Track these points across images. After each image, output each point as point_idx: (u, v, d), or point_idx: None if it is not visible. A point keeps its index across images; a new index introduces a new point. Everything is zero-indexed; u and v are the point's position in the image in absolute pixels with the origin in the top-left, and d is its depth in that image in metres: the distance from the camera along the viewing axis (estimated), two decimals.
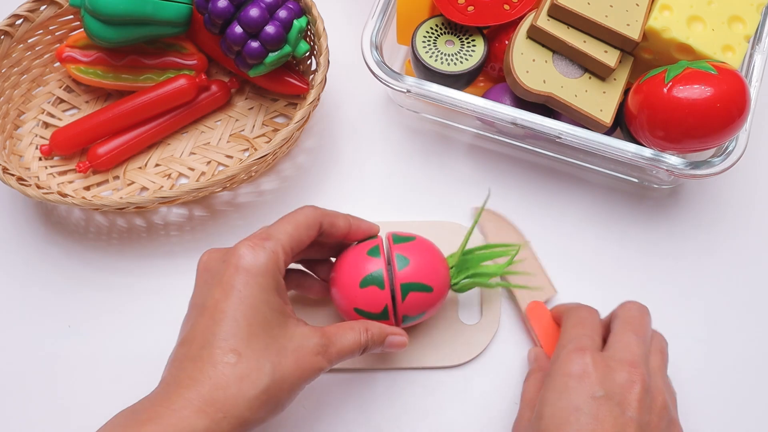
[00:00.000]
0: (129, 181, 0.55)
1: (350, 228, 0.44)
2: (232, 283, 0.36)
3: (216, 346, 0.35)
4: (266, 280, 0.37)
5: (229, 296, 0.36)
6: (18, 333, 0.51)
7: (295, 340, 0.37)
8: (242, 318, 0.36)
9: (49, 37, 0.58)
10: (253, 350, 0.35)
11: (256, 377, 0.35)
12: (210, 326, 0.36)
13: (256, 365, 0.35)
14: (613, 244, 0.53)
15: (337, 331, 0.40)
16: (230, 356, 0.35)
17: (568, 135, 0.47)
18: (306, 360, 0.37)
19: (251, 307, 0.36)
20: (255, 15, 0.49)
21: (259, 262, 0.37)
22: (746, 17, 0.47)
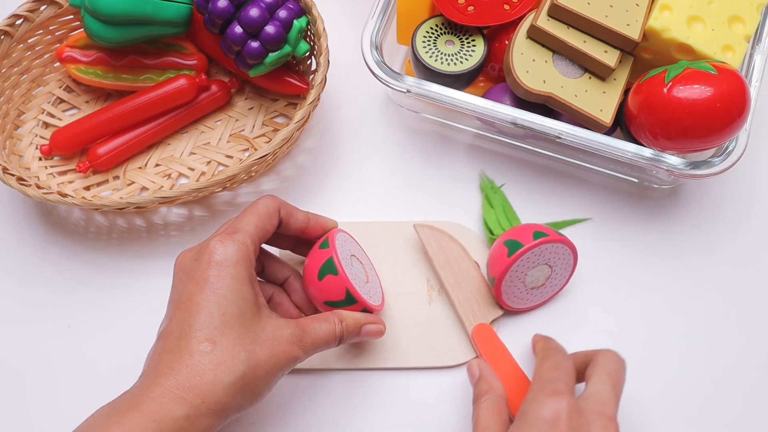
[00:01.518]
0: (129, 181, 0.55)
1: (308, 221, 0.45)
2: (205, 277, 0.38)
3: (192, 336, 0.36)
4: (238, 271, 0.38)
5: (203, 289, 0.37)
6: (18, 333, 0.51)
7: (268, 330, 0.38)
8: (216, 309, 0.37)
9: (49, 37, 0.58)
10: (228, 339, 0.37)
11: (231, 364, 0.36)
12: (186, 318, 0.37)
13: (231, 352, 0.36)
14: (612, 244, 0.53)
15: (311, 322, 0.41)
16: (206, 345, 0.36)
17: (568, 135, 0.47)
18: (281, 349, 0.38)
19: (224, 298, 0.37)
20: (255, 15, 0.49)
21: (230, 255, 0.38)
22: (746, 17, 0.47)
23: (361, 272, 0.47)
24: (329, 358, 0.49)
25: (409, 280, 0.51)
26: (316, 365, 0.49)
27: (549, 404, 0.37)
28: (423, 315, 0.50)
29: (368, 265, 0.49)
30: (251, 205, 0.43)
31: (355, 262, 0.47)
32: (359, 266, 0.47)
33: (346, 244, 0.47)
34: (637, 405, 0.47)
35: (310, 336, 0.40)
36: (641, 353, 0.49)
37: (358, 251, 0.48)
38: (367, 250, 0.52)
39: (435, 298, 0.50)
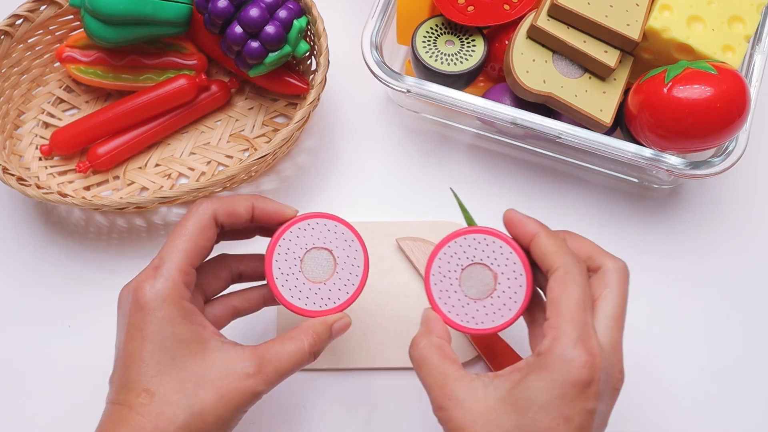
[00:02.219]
0: (129, 181, 0.55)
1: (254, 211, 0.40)
2: (134, 323, 0.35)
3: (130, 389, 0.35)
4: (167, 312, 0.35)
5: (133, 337, 0.35)
6: (18, 333, 0.51)
7: (215, 368, 0.35)
8: (149, 357, 0.35)
9: (49, 37, 0.58)
10: (165, 387, 0.34)
11: (171, 413, 0.34)
12: (123, 369, 0.35)
13: (169, 401, 0.34)
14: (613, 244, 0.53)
15: (273, 346, 0.37)
16: (143, 396, 0.34)
17: (568, 135, 0.47)
18: (232, 386, 0.35)
19: (155, 344, 0.35)
20: (255, 15, 0.49)
21: (156, 295, 0.35)
22: (746, 17, 0.47)
23: (323, 267, 0.40)
24: (329, 358, 0.49)
25: (409, 280, 0.51)
26: (316, 365, 0.49)
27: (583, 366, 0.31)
28: None
29: (344, 247, 0.41)
30: (180, 221, 0.38)
31: (316, 256, 0.40)
32: (323, 258, 0.40)
33: (302, 237, 0.40)
34: (636, 405, 0.47)
35: (272, 364, 0.36)
36: (641, 353, 0.49)
37: (326, 236, 0.40)
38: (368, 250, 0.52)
39: None
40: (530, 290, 0.37)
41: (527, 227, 0.37)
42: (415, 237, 0.52)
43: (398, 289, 0.51)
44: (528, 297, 0.37)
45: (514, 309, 0.37)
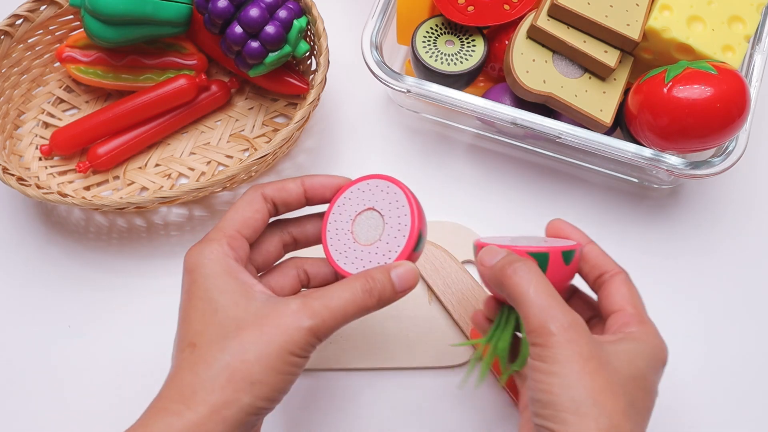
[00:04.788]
0: (129, 181, 0.55)
1: (304, 185, 0.40)
2: (185, 289, 0.37)
3: (179, 348, 0.35)
4: (212, 270, 0.36)
5: (184, 301, 0.36)
6: (18, 333, 0.51)
7: (259, 312, 0.34)
8: (194, 313, 0.35)
9: (49, 37, 0.58)
10: (208, 337, 0.34)
11: (210, 357, 0.33)
12: (178, 332, 0.36)
13: (210, 348, 0.34)
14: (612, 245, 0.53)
15: (326, 289, 0.35)
16: (187, 351, 0.34)
17: (568, 135, 0.47)
18: (275, 324, 0.33)
19: (202, 300, 0.35)
20: (255, 15, 0.49)
21: (203, 258, 0.36)
22: (746, 17, 0.47)
23: (373, 229, 0.39)
24: (329, 358, 0.49)
25: None
26: (317, 365, 0.49)
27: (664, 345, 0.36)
28: (423, 315, 0.50)
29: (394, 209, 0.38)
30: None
31: (367, 218, 0.39)
32: (373, 221, 0.39)
33: (363, 196, 0.39)
34: None
35: (320, 300, 0.34)
36: None
37: (375, 197, 0.39)
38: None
39: (434, 298, 0.50)
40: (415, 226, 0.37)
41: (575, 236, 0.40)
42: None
43: None
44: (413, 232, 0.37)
45: (401, 245, 0.37)
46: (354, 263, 0.38)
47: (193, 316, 0.35)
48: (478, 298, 0.50)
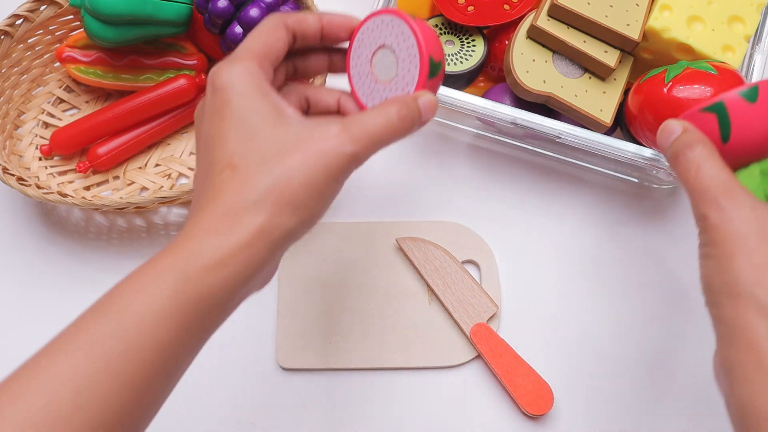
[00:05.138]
0: (129, 181, 0.55)
1: (321, 21, 0.38)
2: (212, 108, 0.34)
3: (213, 170, 0.33)
4: (246, 87, 0.33)
5: (213, 120, 0.34)
6: (18, 333, 0.51)
7: (299, 134, 0.33)
8: (229, 133, 0.33)
9: (49, 37, 0.58)
10: (249, 158, 0.32)
11: (254, 179, 0.32)
12: (207, 155, 0.34)
13: (252, 169, 0.32)
14: (612, 244, 0.53)
15: (363, 114, 0.34)
16: (226, 172, 0.32)
17: (568, 135, 0.47)
18: (317, 147, 0.32)
19: (238, 119, 0.33)
20: (255, 15, 0.49)
21: (232, 75, 0.34)
22: (746, 17, 0.47)
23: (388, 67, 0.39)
24: (329, 358, 0.49)
25: (409, 280, 0.51)
26: (317, 365, 0.49)
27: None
28: (423, 315, 0.50)
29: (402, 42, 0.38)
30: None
31: (383, 56, 0.39)
32: (388, 58, 0.39)
33: (373, 34, 0.39)
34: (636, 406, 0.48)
35: (358, 125, 0.33)
36: (642, 354, 0.49)
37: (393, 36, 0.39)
38: (367, 250, 0.52)
39: (434, 298, 0.50)
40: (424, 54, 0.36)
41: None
42: (415, 237, 0.52)
43: (398, 289, 0.51)
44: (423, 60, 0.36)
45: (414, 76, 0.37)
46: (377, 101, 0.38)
47: (229, 137, 0.33)
48: (478, 298, 0.50)
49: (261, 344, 0.50)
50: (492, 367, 0.48)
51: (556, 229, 0.53)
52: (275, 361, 0.49)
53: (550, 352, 0.49)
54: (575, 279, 0.51)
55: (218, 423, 0.47)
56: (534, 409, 0.46)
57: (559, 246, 0.53)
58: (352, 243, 0.52)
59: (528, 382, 0.47)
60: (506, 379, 0.47)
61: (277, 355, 0.49)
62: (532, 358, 0.48)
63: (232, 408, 0.48)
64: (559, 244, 0.53)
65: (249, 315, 0.51)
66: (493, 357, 0.47)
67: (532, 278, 0.52)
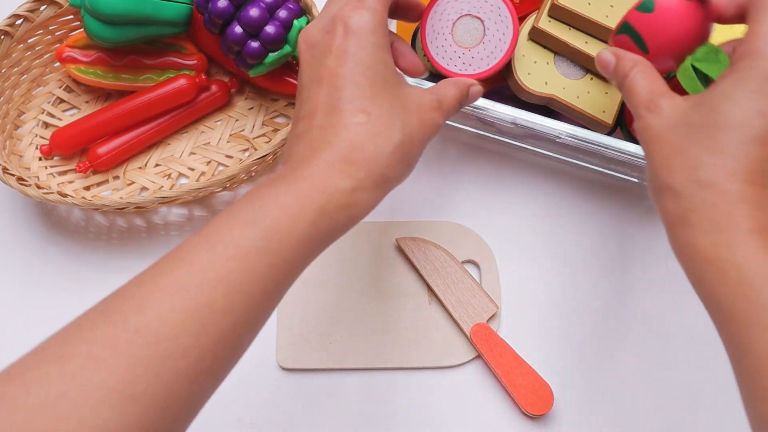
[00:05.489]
0: (129, 181, 0.55)
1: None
2: (345, 48, 0.35)
3: (343, 109, 0.34)
4: (377, 39, 0.35)
5: (345, 61, 0.35)
6: (18, 333, 0.51)
7: (413, 98, 0.36)
8: (363, 79, 0.34)
9: (49, 37, 0.58)
10: (380, 108, 0.34)
11: (389, 133, 0.34)
12: (332, 93, 0.35)
13: (387, 122, 0.34)
14: (612, 244, 0.53)
15: (441, 89, 0.38)
16: (360, 116, 0.34)
17: (567, 135, 0.47)
18: (427, 116, 0.36)
19: (370, 68, 0.35)
20: (255, 15, 0.49)
21: (366, 22, 0.35)
22: None
23: (472, 34, 0.44)
24: (329, 358, 0.49)
25: (409, 280, 0.51)
26: (317, 365, 0.49)
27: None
28: (423, 315, 0.50)
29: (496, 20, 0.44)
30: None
31: (467, 23, 0.44)
32: (473, 26, 0.44)
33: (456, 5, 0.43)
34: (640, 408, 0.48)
35: (445, 99, 0.37)
36: (641, 353, 0.49)
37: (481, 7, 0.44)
38: (367, 250, 0.52)
39: (434, 298, 0.50)
40: (516, 34, 0.43)
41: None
42: (415, 237, 0.52)
43: (398, 289, 0.51)
44: (514, 41, 0.43)
45: (500, 53, 0.43)
46: (456, 64, 0.44)
47: (361, 81, 0.34)
48: (478, 298, 0.50)
49: (261, 344, 0.50)
50: (492, 367, 0.48)
51: (557, 229, 0.53)
52: (275, 361, 0.49)
53: (550, 352, 0.49)
54: (575, 279, 0.51)
55: (218, 423, 0.47)
56: (534, 409, 0.46)
57: (559, 246, 0.53)
58: (352, 243, 0.52)
59: (528, 382, 0.47)
60: (506, 379, 0.47)
61: (277, 355, 0.49)
62: (532, 358, 0.48)
63: (232, 408, 0.48)
64: (559, 243, 0.53)
65: None
66: (493, 357, 0.47)
67: (532, 278, 0.52)
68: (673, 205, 0.32)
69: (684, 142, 0.32)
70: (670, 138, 0.32)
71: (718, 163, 0.30)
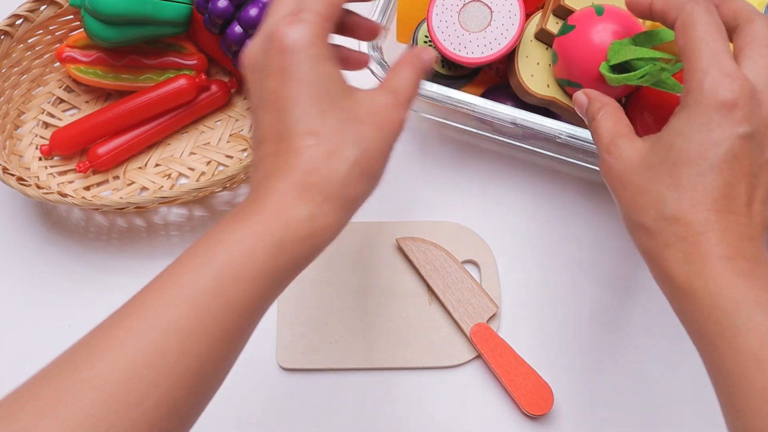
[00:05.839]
0: (129, 181, 0.55)
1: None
2: (283, 67, 0.33)
3: (292, 134, 0.33)
4: (317, 51, 0.33)
5: (285, 81, 0.33)
6: (18, 333, 0.51)
7: (364, 105, 0.34)
8: (307, 99, 0.33)
9: (49, 37, 0.58)
10: (330, 126, 0.33)
11: (343, 151, 0.32)
12: (278, 117, 0.33)
13: (339, 139, 0.33)
14: (613, 244, 0.53)
15: (393, 78, 0.36)
16: (309, 139, 0.32)
17: (567, 135, 0.47)
18: (384, 118, 0.34)
19: (313, 85, 0.33)
20: (255, 15, 0.49)
21: (302, 35, 0.33)
22: None
23: (479, 19, 0.44)
24: (329, 358, 0.49)
25: (409, 280, 0.51)
26: (317, 365, 0.49)
27: (724, 88, 0.31)
28: (423, 315, 0.50)
29: (502, 2, 0.45)
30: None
31: (474, 9, 0.44)
32: (480, 11, 0.44)
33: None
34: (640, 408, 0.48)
35: (401, 89, 0.35)
36: (641, 353, 0.49)
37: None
38: (367, 250, 0.52)
39: (434, 298, 0.50)
40: (522, 24, 0.44)
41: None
42: (415, 237, 0.52)
43: (398, 289, 0.51)
44: (520, 31, 0.44)
45: (504, 42, 0.44)
46: (466, 47, 0.45)
47: (304, 102, 0.33)
48: (478, 298, 0.50)
49: (261, 344, 0.50)
50: (492, 367, 0.48)
51: (557, 229, 0.53)
52: (275, 361, 0.49)
53: (550, 352, 0.49)
54: (575, 279, 0.51)
55: (218, 423, 0.47)
56: (534, 409, 0.46)
57: (559, 246, 0.53)
58: (352, 243, 0.52)
59: (528, 382, 0.47)
60: (506, 379, 0.47)
61: (277, 355, 0.49)
62: (532, 358, 0.48)
63: (232, 408, 0.48)
64: (559, 243, 0.53)
65: None
66: (493, 357, 0.47)
67: (532, 278, 0.52)
68: (647, 241, 0.33)
69: (646, 183, 0.33)
70: (632, 179, 0.33)
71: (681, 197, 0.31)
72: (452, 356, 0.49)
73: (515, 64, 0.48)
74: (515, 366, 0.47)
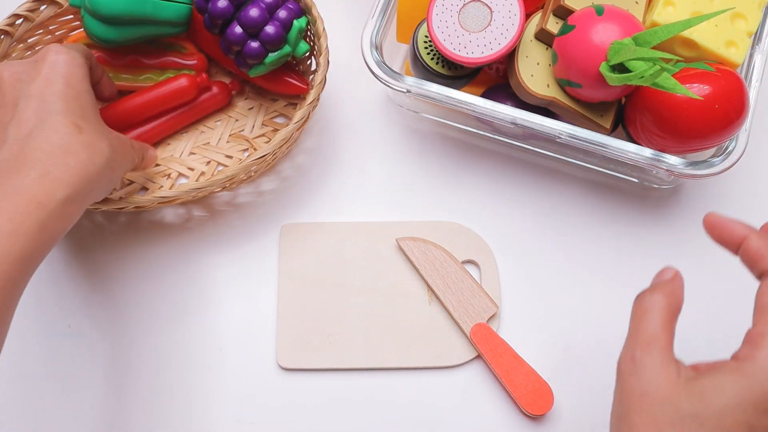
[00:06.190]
0: (129, 181, 0.55)
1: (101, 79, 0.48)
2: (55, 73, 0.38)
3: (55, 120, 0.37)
4: (83, 71, 0.40)
5: (54, 83, 0.38)
6: (18, 333, 0.51)
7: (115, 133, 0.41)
8: (73, 100, 0.38)
9: (49, 37, 0.58)
10: (92, 126, 0.38)
11: (101, 146, 0.38)
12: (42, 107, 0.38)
13: (97, 138, 0.38)
14: (612, 244, 0.53)
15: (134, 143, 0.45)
16: (72, 128, 0.37)
17: (567, 135, 0.47)
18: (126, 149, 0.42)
19: (79, 92, 0.39)
20: (255, 15, 0.49)
21: (73, 57, 0.40)
22: (748, 14, 0.47)
23: (479, 19, 0.44)
24: (329, 358, 0.49)
25: (409, 280, 0.51)
26: (317, 365, 0.49)
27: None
28: (423, 315, 0.50)
29: (503, 3, 0.45)
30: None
31: (474, 9, 0.44)
32: (480, 12, 0.44)
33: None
34: None
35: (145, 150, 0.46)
36: None
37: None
38: (367, 250, 0.52)
39: (434, 298, 0.50)
40: (522, 24, 0.44)
41: (735, 231, 0.35)
42: (415, 237, 0.52)
43: (398, 289, 0.51)
44: (520, 31, 0.44)
45: (504, 42, 0.44)
46: (466, 47, 0.45)
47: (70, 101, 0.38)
48: (478, 298, 0.49)
49: (261, 344, 0.50)
50: (492, 367, 0.48)
51: (557, 229, 0.53)
52: (275, 361, 0.49)
53: (550, 352, 0.49)
54: (575, 279, 0.51)
55: (218, 423, 0.47)
56: (534, 409, 0.46)
57: (559, 246, 0.53)
58: (352, 243, 0.52)
59: (528, 382, 0.47)
60: (506, 379, 0.47)
61: (277, 355, 0.49)
62: (532, 358, 0.48)
63: (232, 408, 0.48)
64: (559, 243, 0.53)
65: (249, 315, 0.51)
66: (493, 357, 0.47)
67: (532, 278, 0.52)
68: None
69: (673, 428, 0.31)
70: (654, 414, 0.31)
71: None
72: (452, 356, 0.49)
73: (515, 64, 0.48)
74: (515, 366, 0.47)
